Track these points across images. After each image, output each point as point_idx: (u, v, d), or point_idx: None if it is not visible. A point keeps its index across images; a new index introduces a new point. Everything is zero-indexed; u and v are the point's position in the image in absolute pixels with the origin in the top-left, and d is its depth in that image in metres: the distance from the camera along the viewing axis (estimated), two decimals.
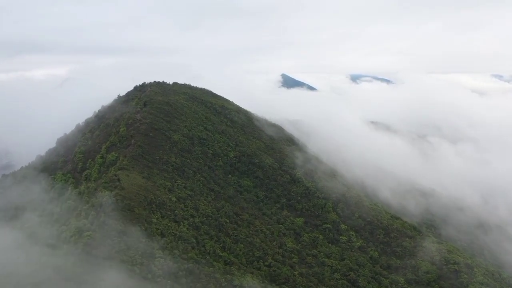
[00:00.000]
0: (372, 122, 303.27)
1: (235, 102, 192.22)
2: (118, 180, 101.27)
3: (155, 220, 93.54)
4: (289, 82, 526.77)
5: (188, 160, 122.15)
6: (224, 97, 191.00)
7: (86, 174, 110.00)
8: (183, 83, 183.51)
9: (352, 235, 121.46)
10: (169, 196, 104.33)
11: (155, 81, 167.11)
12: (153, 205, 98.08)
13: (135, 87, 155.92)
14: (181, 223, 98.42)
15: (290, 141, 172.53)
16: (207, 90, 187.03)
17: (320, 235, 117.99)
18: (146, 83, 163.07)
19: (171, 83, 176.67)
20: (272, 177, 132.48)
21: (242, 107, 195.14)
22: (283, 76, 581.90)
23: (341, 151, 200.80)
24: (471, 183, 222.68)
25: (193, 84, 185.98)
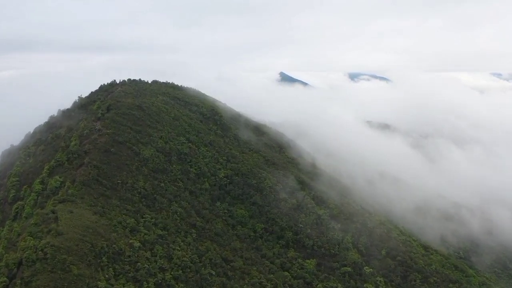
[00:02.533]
0: (372, 123, 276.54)
1: (230, 103, 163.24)
2: (56, 219, 70.76)
3: (103, 284, 63.02)
4: (287, 80, 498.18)
5: (162, 184, 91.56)
6: (217, 98, 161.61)
7: (17, 208, 79.24)
8: (165, 81, 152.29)
9: (380, 281, 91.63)
10: (131, 241, 73.84)
11: (129, 79, 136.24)
12: (104, 258, 67.55)
13: (101, 87, 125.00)
14: (145, 283, 68.08)
15: (295, 150, 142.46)
16: (194, 89, 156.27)
17: (339, 284, 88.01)
18: (117, 81, 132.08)
19: (150, 81, 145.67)
20: (274, 203, 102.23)
21: (238, 108, 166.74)
22: (281, 74, 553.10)
23: (347, 158, 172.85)
24: (493, 195, 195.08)
25: (186, 83, 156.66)
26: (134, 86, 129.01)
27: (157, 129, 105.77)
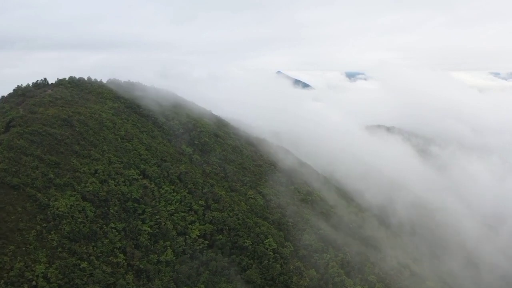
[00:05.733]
0: (372, 127, 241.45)
1: (221, 107, 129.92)
2: None
3: None
4: (284, 80, 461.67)
5: (84, 265, 51.14)
6: (207, 101, 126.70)
7: None
8: (128, 80, 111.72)
9: None
10: None
11: (70, 77, 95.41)
12: None
13: (17, 89, 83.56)
14: None
15: (303, 175, 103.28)
16: (169, 92, 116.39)
17: None
18: (51, 80, 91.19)
19: (105, 81, 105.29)
20: (282, 280, 62.48)
21: (229, 114, 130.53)
22: (279, 73, 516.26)
23: (355, 175, 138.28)
24: None
25: (178, 83, 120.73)
26: (72, 89, 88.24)
27: (90, 158, 65.19)
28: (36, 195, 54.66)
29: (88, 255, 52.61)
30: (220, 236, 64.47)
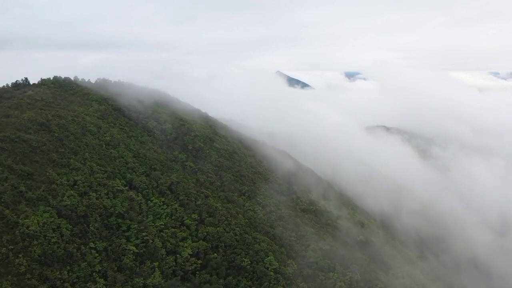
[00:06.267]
0: (372, 128, 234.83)
1: (217, 108, 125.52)
2: None
3: None
4: (284, 80, 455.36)
5: None
6: (203, 102, 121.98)
7: None
8: (118, 80, 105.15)
9: None
10: None
11: (54, 77, 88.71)
12: None
13: None
14: None
15: (303, 181, 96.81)
16: (162, 92, 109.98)
17: None
18: (31, 81, 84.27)
19: (94, 81, 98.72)
20: None
21: (226, 115, 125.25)
22: (278, 73, 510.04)
23: (358, 181, 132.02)
24: None
25: (174, 83, 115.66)
26: (56, 89, 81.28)
27: (69, 167, 58.26)
28: (3, 212, 47.66)
29: (62, 281, 45.70)
30: (215, 254, 57.62)
